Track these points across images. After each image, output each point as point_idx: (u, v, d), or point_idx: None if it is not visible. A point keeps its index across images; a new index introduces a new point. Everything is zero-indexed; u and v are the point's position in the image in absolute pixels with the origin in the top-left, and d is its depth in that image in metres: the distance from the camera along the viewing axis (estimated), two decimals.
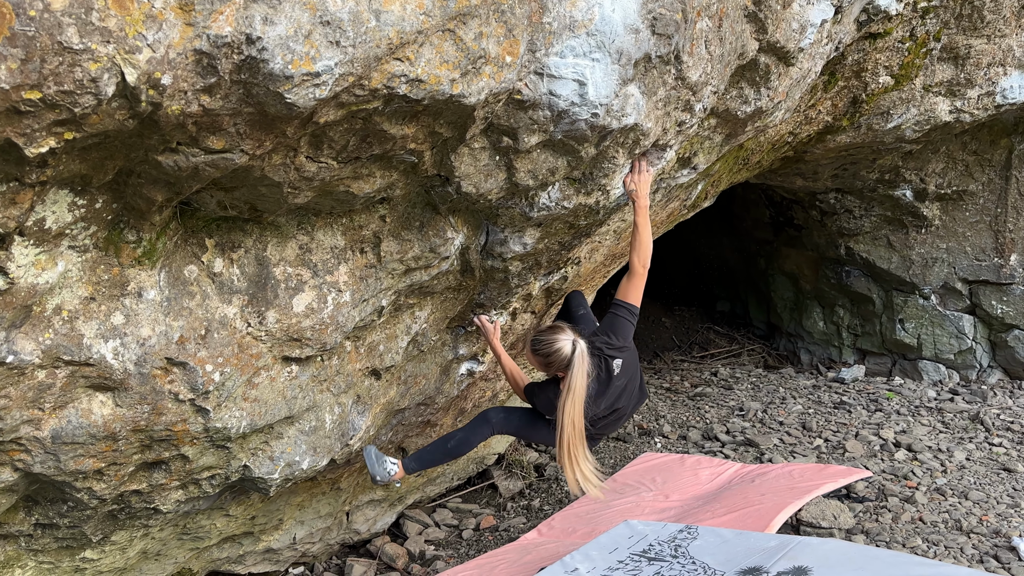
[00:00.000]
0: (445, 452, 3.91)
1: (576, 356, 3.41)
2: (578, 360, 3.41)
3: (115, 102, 1.86)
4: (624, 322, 3.63)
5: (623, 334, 3.62)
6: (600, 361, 3.57)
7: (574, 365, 3.42)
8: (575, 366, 3.42)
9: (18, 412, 2.46)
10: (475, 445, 3.93)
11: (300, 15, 1.95)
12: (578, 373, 3.42)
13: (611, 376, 3.62)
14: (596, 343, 3.57)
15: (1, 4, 1.63)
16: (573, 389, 3.44)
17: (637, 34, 2.76)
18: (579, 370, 3.42)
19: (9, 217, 2.03)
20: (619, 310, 3.63)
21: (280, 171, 2.38)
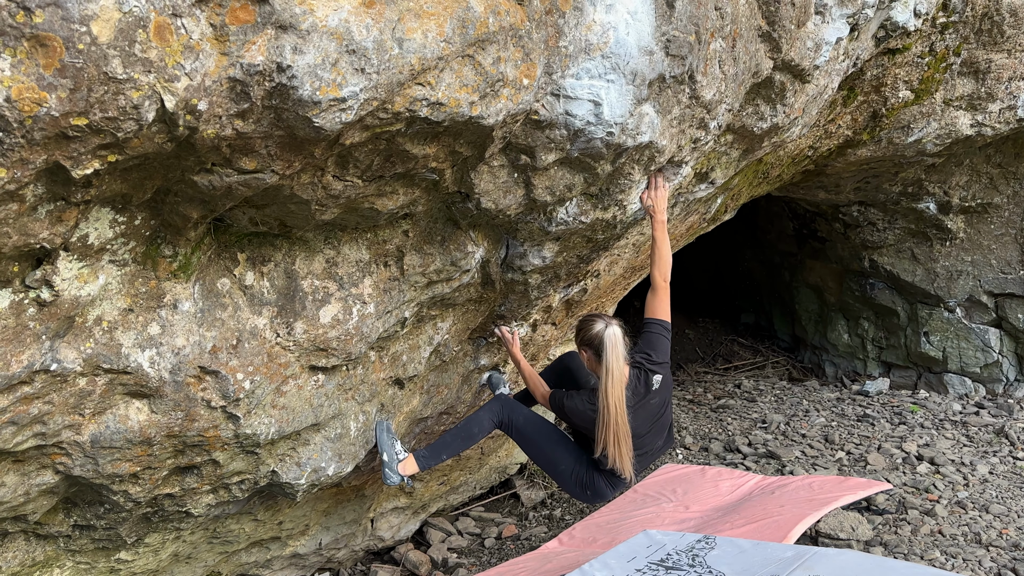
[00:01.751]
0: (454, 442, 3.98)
1: (606, 338, 3.47)
2: (607, 340, 3.48)
3: (155, 127, 1.99)
4: (660, 338, 3.71)
5: (661, 350, 3.70)
6: (641, 374, 3.65)
7: (605, 346, 3.48)
8: (606, 346, 3.48)
9: (60, 417, 2.60)
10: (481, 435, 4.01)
11: (327, 44, 2.07)
12: (611, 356, 3.48)
13: (649, 390, 3.68)
14: (637, 357, 3.66)
15: (52, 38, 1.76)
16: (611, 371, 3.48)
17: (651, 56, 2.85)
18: (612, 352, 3.48)
19: (56, 234, 2.17)
20: (653, 327, 3.70)
21: (308, 189, 2.50)
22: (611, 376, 3.49)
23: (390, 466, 3.73)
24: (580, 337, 3.66)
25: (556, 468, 3.97)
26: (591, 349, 3.61)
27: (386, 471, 3.75)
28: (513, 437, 4.02)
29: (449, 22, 2.30)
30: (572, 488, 4.02)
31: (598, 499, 4.10)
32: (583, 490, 3.98)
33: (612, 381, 3.49)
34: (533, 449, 4.03)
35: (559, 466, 3.94)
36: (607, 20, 2.73)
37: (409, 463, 3.82)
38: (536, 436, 3.96)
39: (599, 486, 3.93)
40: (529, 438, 3.99)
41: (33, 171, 1.93)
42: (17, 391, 2.39)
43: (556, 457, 3.94)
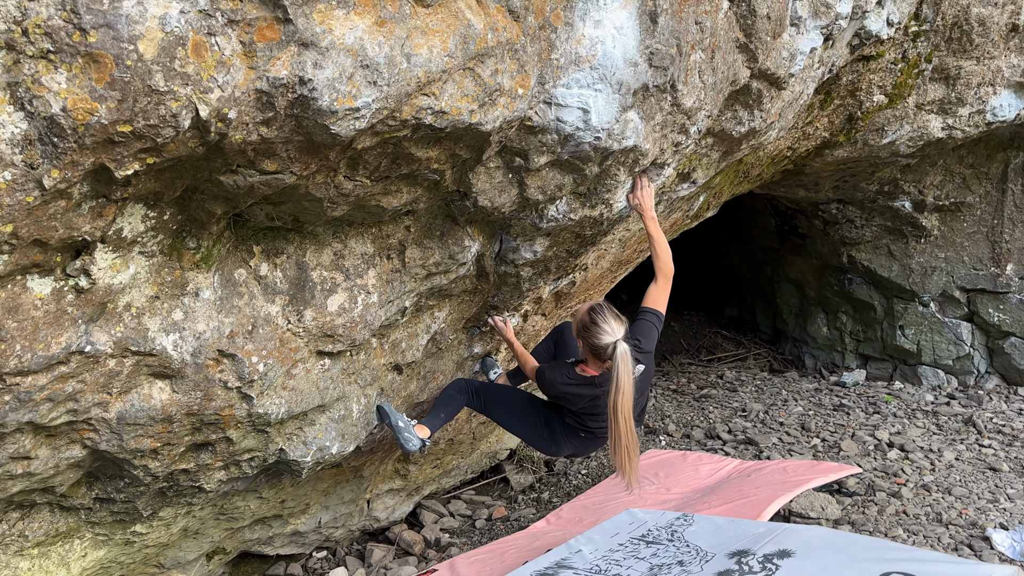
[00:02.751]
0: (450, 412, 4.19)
1: (618, 355, 3.50)
2: (620, 360, 3.49)
3: (190, 133, 2.23)
4: (651, 327, 3.81)
5: (649, 339, 3.80)
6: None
7: (617, 365, 3.50)
8: (617, 365, 3.50)
9: (91, 395, 2.83)
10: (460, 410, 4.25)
11: (344, 60, 2.30)
12: (623, 372, 3.49)
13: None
14: (629, 343, 3.73)
15: (104, 55, 1.99)
16: (621, 388, 3.50)
17: (636, 67, 3.10)
18: (623, 369, 3.49)
19: (96, 227, 2.40)
20: (647, 315, 3.82)
21: (322, 188, 2.74)
22: (621, 393, 3.50)
23: (408, 430, 3.84)
24: (585, 339, 3.66)
25: (524, 433, 4.27)
26: (591, 351, 3.66)
27: (404, 436, 3.82)
28: (482, 411, 4.32)
29: (452, 38, 2.54)
30: (542, 446, 4.27)
31: (565, 452, 4.29)
32: (549, 445, 4.21)
33: (622, 397, 3.51)
34: (502, 420, 4.33)
35: (527, 432, 4.23)
36: (595, 35, 2.97)
37: (421, 428, 3.96)
38: (499, 407, 4.26)
39: (563, 442, 4.14)
40: (495, 411, 4.29)
41: (81, 172, 2.16)
42: (55, 370, 2.62)
43: (523, 425, 4.22)
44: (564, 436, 4.11)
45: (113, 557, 3.88)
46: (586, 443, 4.15)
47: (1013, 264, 7.47)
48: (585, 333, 3.62)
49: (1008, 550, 3.99)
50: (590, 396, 3.83)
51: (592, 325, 3.59)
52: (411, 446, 3.86)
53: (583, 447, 4.21)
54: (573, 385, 3.81)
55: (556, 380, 3.83)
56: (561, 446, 4.16)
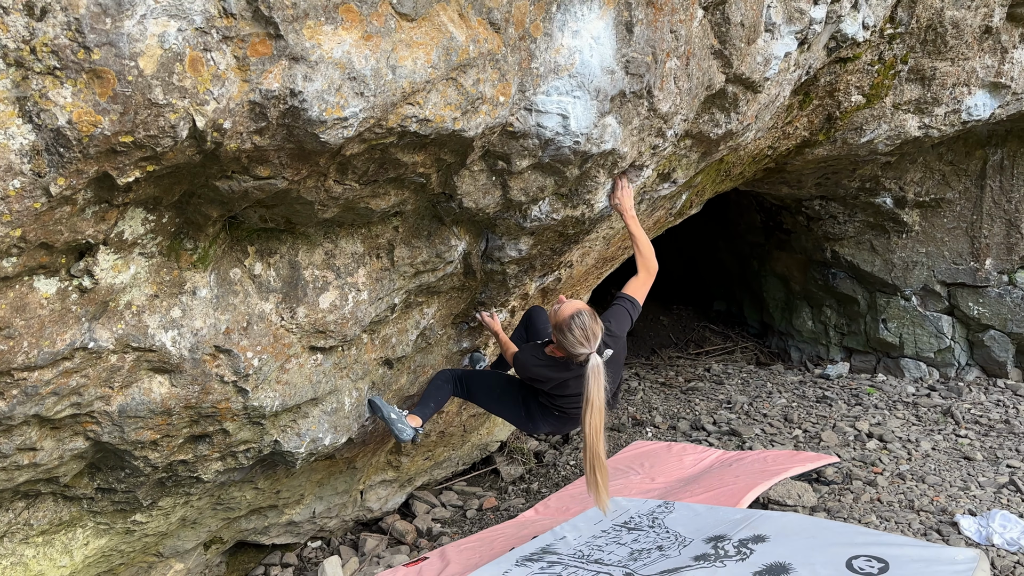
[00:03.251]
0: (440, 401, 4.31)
1: (589, 369, 3.46)
2: (591, 374, 3.46)
3: (187, 142, 2.37)
4: (623, 311, 3.83)
5: (620, 322, 3.81)
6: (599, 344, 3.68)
7: (588, 379, 3.47)
8: (589, 379, 3.47)
9: (94, 389, 2.97)
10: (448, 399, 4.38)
11: (332, 73, 2.45)
12: (593, 386, 3.47)
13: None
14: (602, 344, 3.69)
15: (107, 72, 2.13)
16: (591, 401, 3.47)
17: (613, 74, 3.25)
18: (594, 383, 3.46)
19: (99, 231, 2.54)
20: (620, 300, 3.88)
21: (312, 192, 2.88)
22: (592, 407, 3.48)
23: (401, 421, 3.95)
24: (559, 342, 3.60)
25: (504, 413, 4.38)
26: (564, 352, 3.63)
27: (398, 427, 3.93)
28: (467, 398, 4.45)
29: (435, 50, 2.68)
30: (521, 424, 4.36)
31: (542, 430, 4.37)
32: (527, 423, 4.30)
33: (592, 411, 3.49)
34: (484, 402, 4.47)
35: (506, 412, 4.35)
36: (573, 44, 3.11)
37: (413, 418, 4.08)
38: (481, 391, 4.39)
39: (539, 420, 4.23)
40: (478, 395, 4.41)
41: (85, 180, 2.31)
42: (60, 366, 2.76)
43: (503, 405, 4.34)
44: (540, 415, 4.18)
45: (114, 545, 4.03)
46: (560, 421, 4.21)
47: (992, 259, 7.65)
48: (560, 336, 3.57)
49: (975, 535, 4.16)
50: (558, 379, 3.85)
51: (569, 333, 3.52)
52: (405, 436, 3.98)
53: (558, 425, 4.27)
54: (542, 366, 3.85)
55: (527, 362, 3.90)
56: (538, 424, 4.25)
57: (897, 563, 3.45)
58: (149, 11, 2.14)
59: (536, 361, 3.89)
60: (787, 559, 3.60)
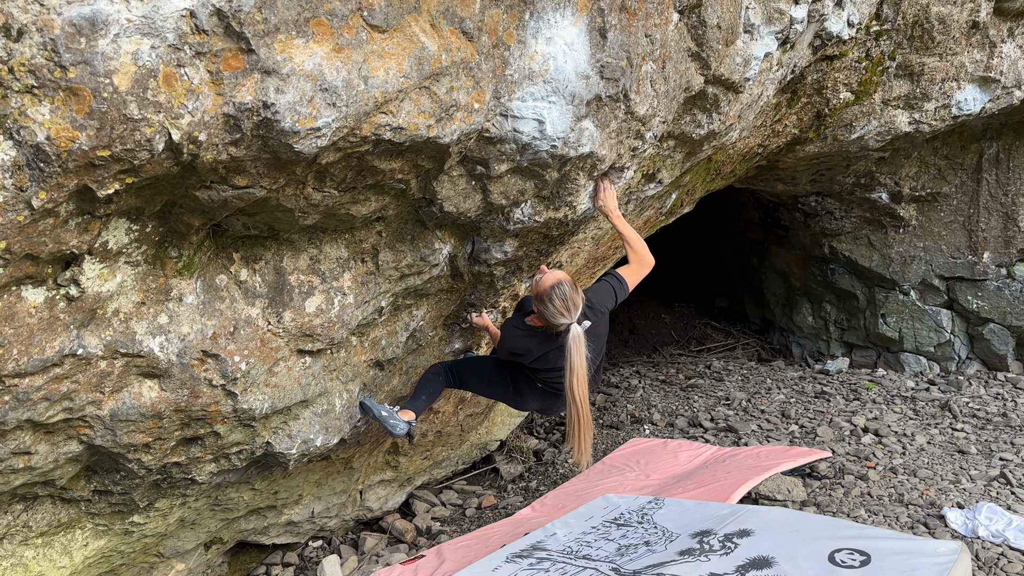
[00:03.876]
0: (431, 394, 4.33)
1: (570, 339, 3.50)
2: (572, 343, 3.49)
3: (164, 155, 2.45)
4: (608, 288, 3.83)
5: (603, 297, 3.81)
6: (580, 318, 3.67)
7: (570, 348, 3.50)
8: (570, 348, 3.50)
9: (85, 394, 3.06)
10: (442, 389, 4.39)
11: (304, 85, 2.52)
12: (576, 355, 3.50)
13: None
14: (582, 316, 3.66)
15: (83, 89, 2.21)
16: (575, 370, 3.52)
17: (587, 79, 3.31)
18: (576, 352, 3.50)
19: (83, 241, 2.63)
20: (609, 278, 3.87)
21: (292, 200, 2.96)
22: (575, 374, 3.53)
23: (393, 417, 3.99)
24: (540, 312, 3.60)
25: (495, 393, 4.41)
26: (544, 322, 3.63)
27: (390, 423, 3.97)
28: (459, 386, 4.48)
29: (407, 60, 2.76)
30: (509, 401, 4.36)
31: (531, 406, 4.34)
32: (514, 399, 4.29)
33: (576, 378, 3.53)
34: (475, 387, 4.48)
35: (496, 391, 4.36)
36: (547, 51, 3.18)
37: (406, 412, 4.11)
38: (471, 376, 4.41)
39: (527, 396, 4.22)
40: (468, 380, 4.43)
41: (66, 192, 2.39)
42: (50, 372, 2.85)
43: (492, 385, 4.34)
44: (527, 390, 4.16)
45: (114, 546, 4.13)
46: (547, 397, 4.16)
47: (990, 252, 7.65)
48: (541, 306, 3.57)
49: (961, 527, 4.19)
50: (538, 351, 3.81)
51: (550, 303, 3.52)
52: (398, 431, 4.00)
53: (547, 401, 4.22)
54: (523, 336, 3.81)
55: (509, 333, 3.86)
56: (527, 399, 4.23)
57: (879, 556, 3.49)
58: (122, 30, 2.22)
59: (517, 332, 3.84)
60: (770, 553, 3.65)
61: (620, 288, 3.87)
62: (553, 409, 4.41)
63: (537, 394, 4.17)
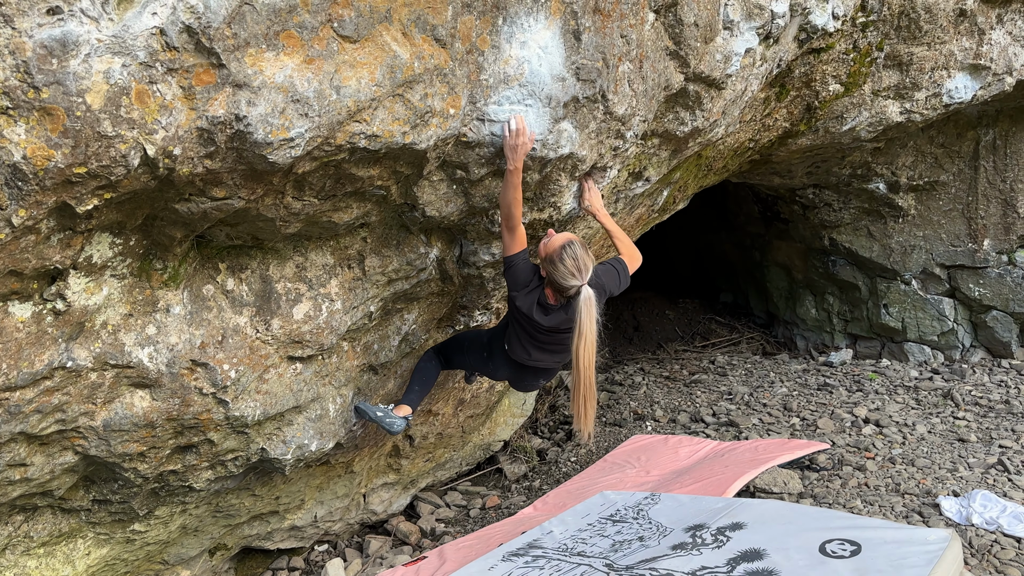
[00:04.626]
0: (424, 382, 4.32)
1: (581, 301, 3.44)
2: (583, 305, 3.44)
3: (140, 170, 2.51)
4: (613, 270, 3.82)
5: (607, 277, 3.78)
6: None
7: (580, 309, 3.44)
8: (580, 309, 3.44)
9: (77, 406, 3.13)
10: (438, 373, 4.34)
11: (276, 97, 2.57)
12: (586, 318, 3.44)
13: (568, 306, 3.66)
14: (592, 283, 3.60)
15: (56, 109, 2.27)
16: (584, 334, 3.45)
17: (563, 82, 3.34)
18: (586, 315, 3.44)
19: (66, 256, 2.69)
20: (614, 261, 3.88)
21: (272, 209, 3.02)
22: (584, 339, 3.46)
23: (388, 416, 3.99)
24: (550, 273, 3.53)
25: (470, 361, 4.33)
26: (552, 285, 3.56)
27: (386, 422, 3.96)
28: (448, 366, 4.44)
29: (380, 69, 2.80)
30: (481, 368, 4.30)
31: (501, 375, 4.25)
32: (486, 364, 4.22)
33: (584, 343, 3.46)
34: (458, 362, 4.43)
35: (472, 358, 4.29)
36: (522, 55, 3.22)
37: (400, 407, 4.11)
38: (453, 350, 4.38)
39: (499, 365, 4.13)
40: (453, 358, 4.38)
41: (46, 210, 2.45)
42: (40, 385, 2.92)
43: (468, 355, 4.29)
44: (500, 358, 4.08)
45: (116, 555, 4.19)
46: (517, 371, 4.10)
47: (990, 239, 7.63)
48: (551, 267, 3.50)
49: (955, 515, 4.20)
50: (539, 322, 3.70)
51: (560, 264, 3.47)
52: (396, 428, 4.00)
53: (518, 377, 4.19)
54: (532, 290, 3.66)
55: (522, 278, 3.66)
56: (497, 367, 4.15)
57: (869, 545, 3.51)
58: (93, 50, 2.28)
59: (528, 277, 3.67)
60: (762, 545, 3.67)
61: (623, 274, 3.86)
62: (520, 382, 4.29)
63: (509, 366, 4.08)
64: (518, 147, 3.30)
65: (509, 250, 3.62)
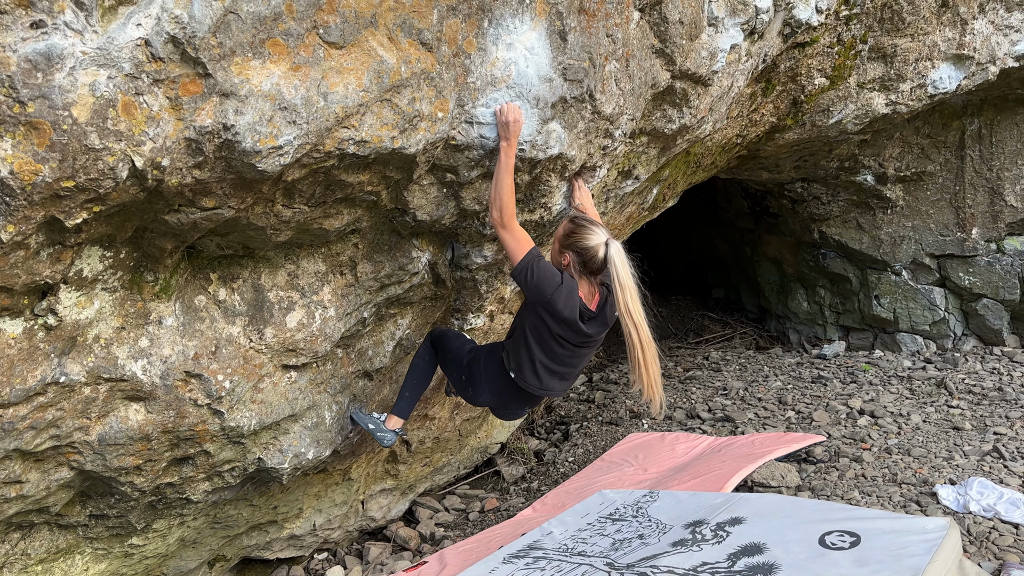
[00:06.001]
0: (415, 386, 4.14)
1: (612, 253, 3.31)
2: (614, 256, 3.31)
3: (129, 182, 2.50)
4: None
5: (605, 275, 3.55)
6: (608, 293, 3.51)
7: (614, 263, 3.30)
8: (614, 263, 3.30)
9: (71, 421, 3.11)
10: (435, 367, 4.11)
11: (263, 105, 2.57)
12: (622, 271, 3.30)
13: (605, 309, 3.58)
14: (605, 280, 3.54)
15: (42, 123, 2.26)
16: (625, 286, 3.31)
17: (551, 82, 3.35)
18: (622, 267, 3.31)
19: (56, 271, 2.67)
20: None
21: (262, 218, 3.01)
22: (626, 291, 3.31)
23: (380, 429, 4.00)
24: (573, 247, 3.40)
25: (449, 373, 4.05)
26: (580, 261, 3.41)
27: (378, 435, 3.97)
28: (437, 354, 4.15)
29: (367, 75, 2.80)
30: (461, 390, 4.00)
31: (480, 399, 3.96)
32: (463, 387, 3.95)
33: (629, 296, 3.32)
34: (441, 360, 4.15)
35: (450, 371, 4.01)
36: (508, 57, 3.22)
37: (391, 419, 4.10)
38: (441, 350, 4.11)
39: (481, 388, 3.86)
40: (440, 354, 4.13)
41: (34, 224, 2.44)
42: (34, 401, 2.90)
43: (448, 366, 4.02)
44: (489, 385, 3.80)
45: (115, 569, 4.17)
46: (507, 399, 3.83)
47: (978, 228, 7.67)
48: (571, 240, 3.39)
49: (953, 503, 4.21)
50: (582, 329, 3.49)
51: (579, 228, 3.40)
52: (387, 442, 4.06)
53: (503, 404, 3.90)
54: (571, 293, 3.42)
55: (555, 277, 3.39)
56: (479, 395, 3.88)
57: (868, 536, 3.52)
58: (78, 63, 2.27)
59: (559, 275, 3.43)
60: (762, 539, 3.68)
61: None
62: (504, 410, 4.02)
63: (494, 391, 3.80)
64: (510, 124, 3.22)
65: (518, 252, 3.31)
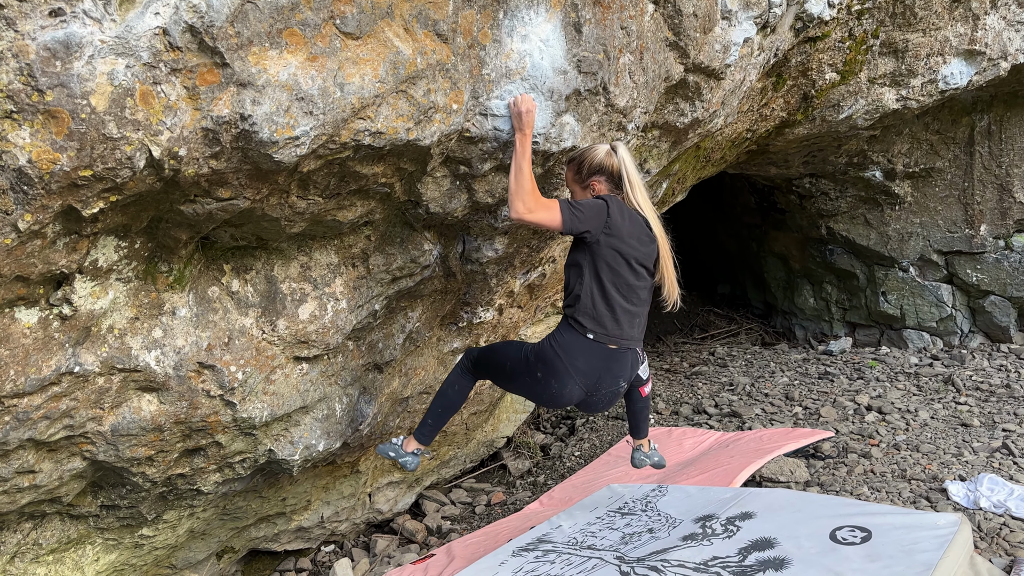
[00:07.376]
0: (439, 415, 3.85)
1: (621, 152, 3.37)
2: (624, 154, 3.38)
3: (146, 171, 2.49)
4: None
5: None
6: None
7: (624, 161, 3.36)
8: (625, 161, 3.36)
9: (84, 411, 3.11)
10: (464, 396, 3.81)
11: (280, 95, 2.56)
12: (631, 167, 3.37)
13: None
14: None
15: (61, 112, 2.25)
16: (635, 183, 3.38)
17: (565, 74, 3.33)
18: (631, 164, 3.37)
19: (72, 261, 2.67)
20: None
21: (277, 209, 3.00)
22: (636, 187, 3.39)
23: (401, 456, 3.84)
24: (587, 171, 3.42)
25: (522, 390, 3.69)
26: (603, 174, 3.42)
27: (401, 461, 3.83)
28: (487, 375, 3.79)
29: (383, 65, 2.79)
30: (539, 394, 3.57)
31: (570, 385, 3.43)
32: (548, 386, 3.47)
33: (639, 192, 3.39)
34: (503, 385, 3.87)
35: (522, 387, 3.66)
36: (523, 48, 3.21)
37: (410, 442, 3.89)
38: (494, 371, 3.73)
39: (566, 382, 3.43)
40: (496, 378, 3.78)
41: (52, 214, 2.43)
42: (48, 391, 2.90)
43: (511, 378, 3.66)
44: (565, 359, 3.38)
45: (125, 560, 4.18)
46: (592, 375, 3.42)
47: (986, 224, 7.65)
48: (584, 168, 3.42)
49: (963, 500, 4.21)
50: (642, 229, 3.38)
51: (582, 155, 3.45)
52: (411, 467, 3.85)
53: (593, 383, 3.46)
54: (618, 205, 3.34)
55: (595, 201, 3.32)
56: (564, 385, 3.41)
57: (879, 531, 3.52)
58: (96, 51, 2.26)
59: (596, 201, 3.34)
60: (772, 534, 3.68)
61: None
62: (596, 393, 3.50)
63: (575, 371, 3.37)
64: (523, 114, 3.20)
65: (555, 213, 3.20)
